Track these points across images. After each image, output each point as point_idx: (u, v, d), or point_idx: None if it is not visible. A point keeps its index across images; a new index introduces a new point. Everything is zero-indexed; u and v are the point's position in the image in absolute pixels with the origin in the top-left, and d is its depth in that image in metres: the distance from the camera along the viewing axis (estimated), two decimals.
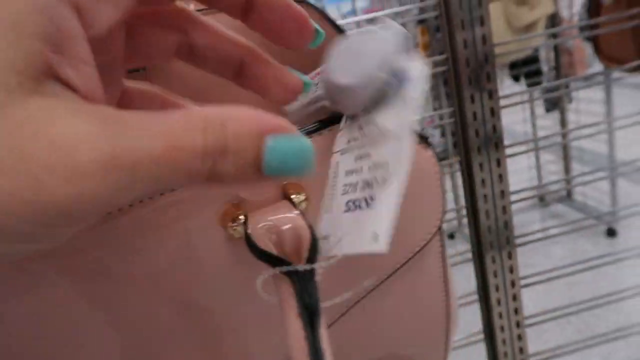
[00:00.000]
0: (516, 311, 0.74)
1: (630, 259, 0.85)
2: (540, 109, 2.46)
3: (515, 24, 1.89)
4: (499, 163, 0.68)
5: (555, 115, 2.36)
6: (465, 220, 0.75)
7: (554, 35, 2.22)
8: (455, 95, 0.66)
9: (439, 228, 0.25)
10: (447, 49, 0.65)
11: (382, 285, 0.25)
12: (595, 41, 1.09)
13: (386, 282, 0.25)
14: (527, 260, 0.82)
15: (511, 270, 0.72)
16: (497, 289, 0.73)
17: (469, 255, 0.74)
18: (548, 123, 2.37)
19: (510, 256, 0.72)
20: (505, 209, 0.70)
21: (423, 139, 0.23)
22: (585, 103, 2.24)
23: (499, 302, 0.73)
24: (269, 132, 0.16)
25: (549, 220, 2.43)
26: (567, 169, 1.97)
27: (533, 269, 0.81)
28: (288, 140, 0.16)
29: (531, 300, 0.88)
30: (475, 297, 0.76)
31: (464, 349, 0.80)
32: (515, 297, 0.74)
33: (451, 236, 2.34)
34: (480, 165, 0.68)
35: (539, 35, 1.91)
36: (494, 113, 0.67)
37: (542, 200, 2.47)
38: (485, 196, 0.69)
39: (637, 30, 0.74)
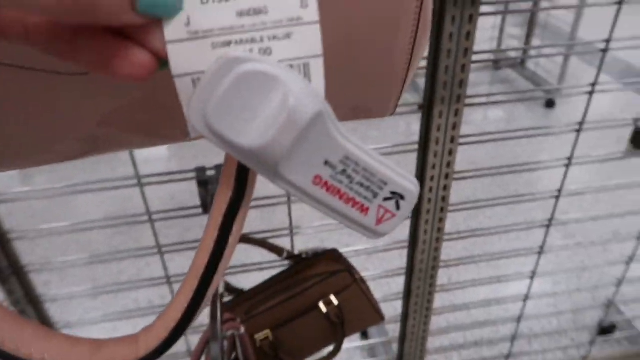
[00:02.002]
0: (448, 164, 0.80)
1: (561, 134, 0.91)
2: None
3: None
4: (470, 19, 0.67)
5: None
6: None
7: None
8: None
9: None
10: None
11: None
12: None
13: None
14: (466, 118, 0.85)
15: (454, 127, 0.76)
16: (437, 142, 0.77)
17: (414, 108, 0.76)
18: None
19: (456, 113, 0.74)
20: (464, 68, 0.71)
21: None
22: None
23: (435, 155, 0.78)
24: None
25: (497, 83, 2.48)
26: (528, 38, 1.96)
27: (469, 126, 0.84)
28: None
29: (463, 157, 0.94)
30: (416, 146, 0.80)
31: None
32: (451, 152, 0.78)
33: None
34: (453, 18, 0.66)
35: None
36: None
37: (496, 63, 2.50)
38: (449, 51, 0.69)
39: None
